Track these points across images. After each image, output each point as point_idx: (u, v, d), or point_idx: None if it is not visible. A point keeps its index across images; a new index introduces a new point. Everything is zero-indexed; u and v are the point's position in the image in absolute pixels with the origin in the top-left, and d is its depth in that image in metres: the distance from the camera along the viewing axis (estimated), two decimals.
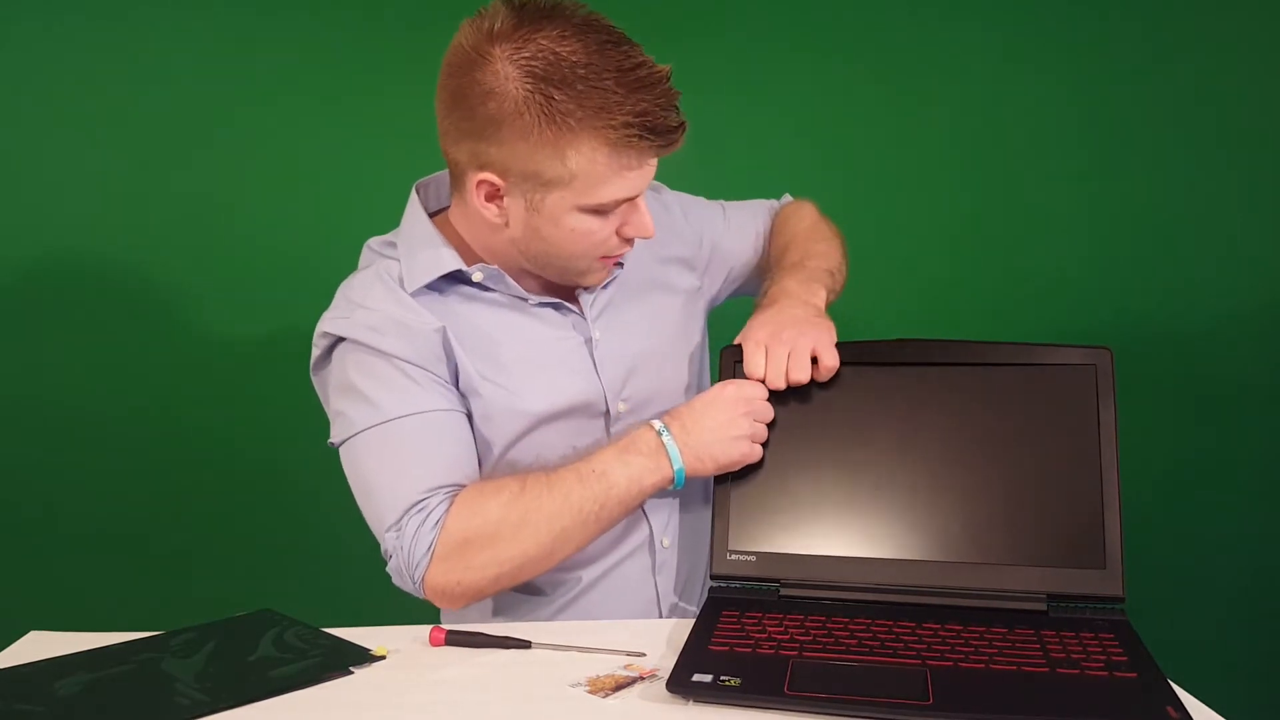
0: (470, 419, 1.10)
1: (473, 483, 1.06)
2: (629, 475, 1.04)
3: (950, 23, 1.79)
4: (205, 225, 1.71)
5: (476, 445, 1.10)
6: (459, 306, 1.11)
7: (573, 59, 0.96)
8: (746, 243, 1.33)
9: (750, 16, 1.78)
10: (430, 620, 1.10)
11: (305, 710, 0.87)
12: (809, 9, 1.78)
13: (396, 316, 1.07)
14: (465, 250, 1.12)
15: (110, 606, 1.68)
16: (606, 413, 1.14)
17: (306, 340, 1.14)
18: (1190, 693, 0.85)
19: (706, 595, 1.05)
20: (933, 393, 1.06)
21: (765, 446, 1.06)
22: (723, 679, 0.86)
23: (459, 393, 1.10)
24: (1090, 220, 1.83)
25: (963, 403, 1.05)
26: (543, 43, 0.97)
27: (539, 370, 1.11)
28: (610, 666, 0.93)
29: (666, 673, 0.88)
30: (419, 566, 1.02)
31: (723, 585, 1.05)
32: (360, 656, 0.96)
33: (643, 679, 0.90)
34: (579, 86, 0.96)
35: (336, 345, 1.10)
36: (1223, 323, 1.85)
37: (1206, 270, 1.84)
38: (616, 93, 0.96)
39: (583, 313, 1.15)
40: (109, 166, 1.68)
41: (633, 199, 1.05)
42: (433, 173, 1.18)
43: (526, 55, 0.96)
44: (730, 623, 0.97)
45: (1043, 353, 1.05)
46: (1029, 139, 1.82)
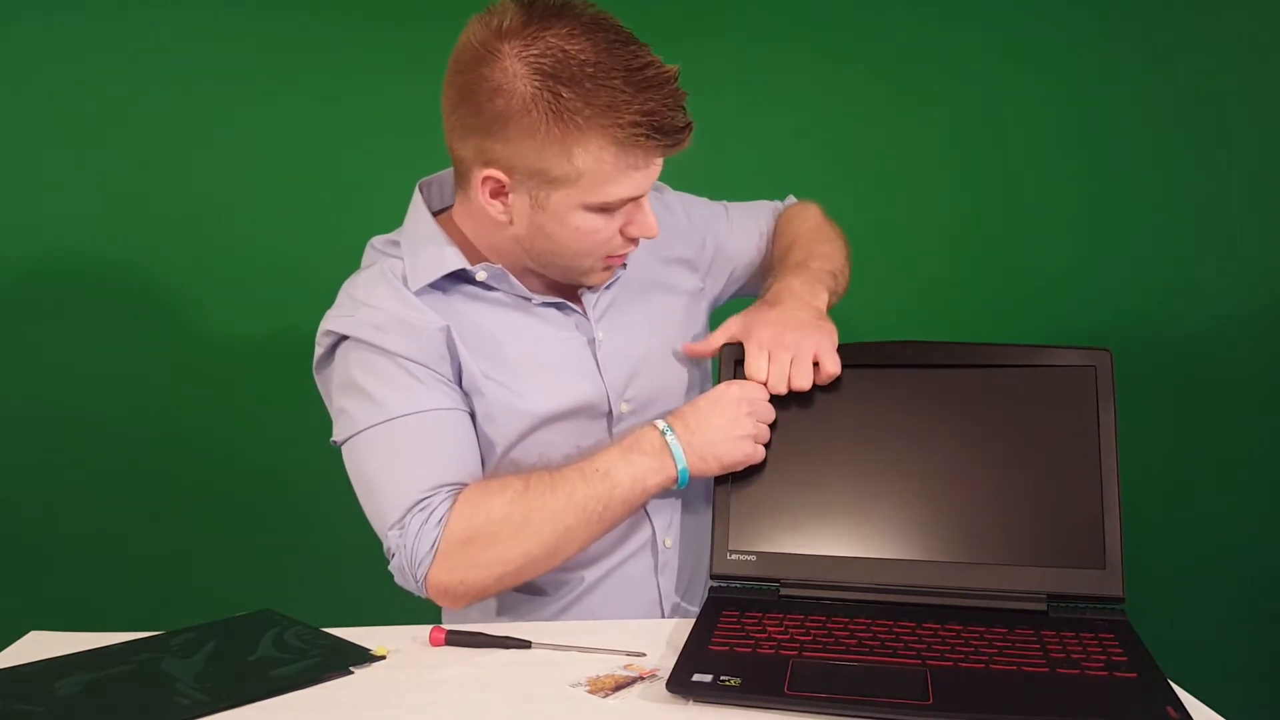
0: (473, 418, 1.10)
1: (476, 481, 1.06)
2: (633, 475, 1.04)
3: (950, 23, 1.79)
4: (205, 225, 1.71)
5: (479, 445, 1.10)
6: (462, 305, 1.11)
7: (581, 57, 0.96)
8: (749, 243, 1.32)
9: (750, 16, 1.78)
10: (431, 620, 1.10)
11: (305, 710, 0.87)
12: (809, 9, 1.78)
13: (400, 315, 1.07)
14: (469, 249, 1.12)
15: (110, 606, 1.68)
16: (609, 413, 1.14)
17: (306, 340, 1.14)
18: (1190, 693, 0.85)
19: (706, 595, 1.05)
20: (933, 394, 1.06)
21: (766, 447, 1.06)
22: (723, 679, 0.85)
23: (462, 392, 1.09)
24: (1090, 220, 1.83)
25: (963, 404, 1.05)
26: (551, 40, 0.96)
27: (542, 370, 1.11)
28: (610, 666, 0.93)
29: (666, 673, 0.88)
30: (421, 565, 1.02)
31: (723, 585, 1.05)
32: (360, 656, 0.96)
33: (643, 679, 0.90)
34: (587, 85, 0.96)
35: (340, 343, 1.10)
36: (1223, 323, 1.85)
37: (1206, 270, 1.84)
38: (624, 92, 0.96)
39: (586, 313, 1.15)
40: (109, 166, 1.68)
41: (637, 198, 1.05)
42: (433, 172, 1.18)
43: (535, 53, 0.96)
44: (730, 622, 0.97)
45: (1043, 354, 1.05)
46: (1029, 139, 1.82)
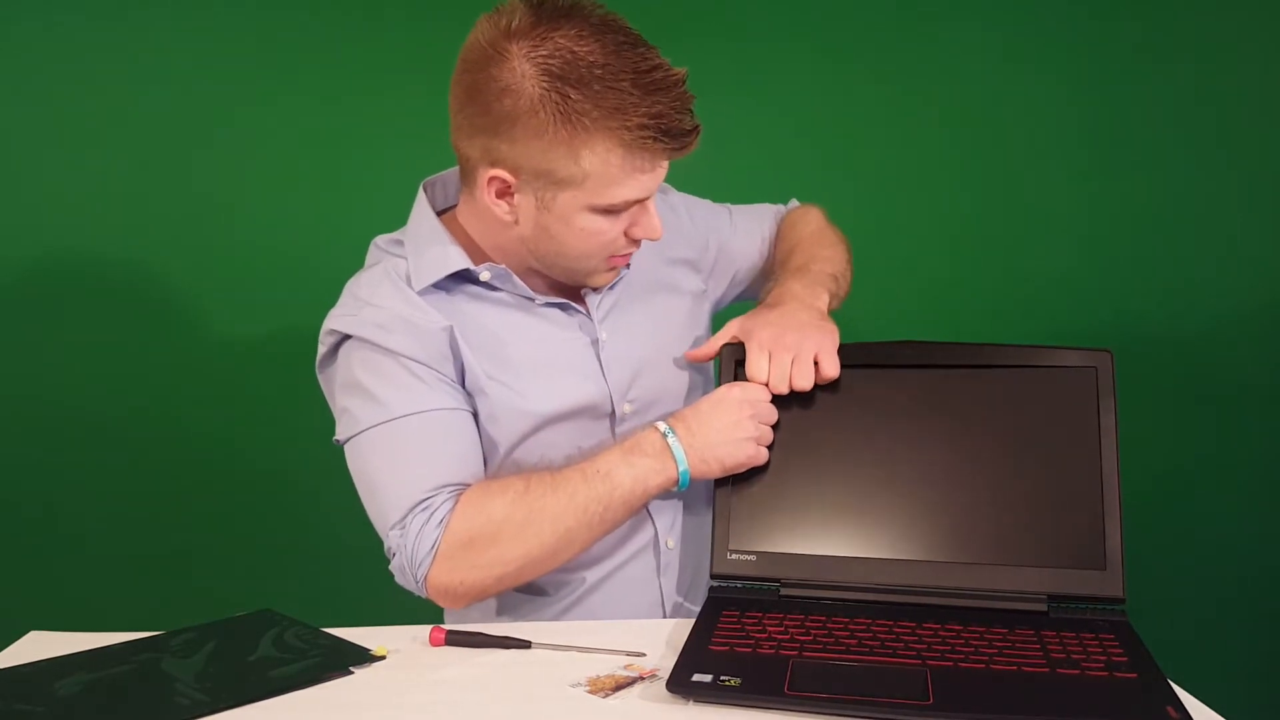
0: (476, 418, 1.10)
1: (477, 482, 1.06)
2: (634, 476, 1.04)
3: (950, 23, 1.79)
4: (205, 225, 1.71)
5: (482, 445, 1.10)
6: (466, 305, 1.11)
7: (590, 59, 0.96)
8: (752, 246, 1.32)
9: (751, 17, 1.78)
10: (431, 620, 1.09)
11: (305, 710, 0.87)
12: (809, 9, 1.78)
13: (404, 314, 1.07)
14: (472, 249, 1.12)
15: (110, 606, 1.68)
16: (612, 414, 1.14)
17: (307, 340, 1.14)
18: (1190, 693, 0.85)
19: (706, 595, 1.05)
20: (934, 394, 1.06)
21: (768, 447, 1.06)
22: (723, 679, 0.85)
23: (465, 392, 1.09)
24: (1090, 220, 1.84)
25: (964, 404, 1.05)
26: (560, 41, 0.96)
27: (545, 371, 1.11)
28: (610, 666, 0.93)
29: (666, 673, 0.88)
30: (422, 565, 1.02)
31: (723, 585, 1.05)
32: (360, 656, 0.96)
33: (643, 679, 0.90)
34: (595, 86, 0.96)
35: (343, 342, 1.09)
36: (1223, 323, 1.85)
37: (1206, 270, 1.84)
38: (632, 94, 0.96)
39: (589, 313, 1.15)
40: (109, 166, 1.68)
41: (643, 200, 1.05)
42: (433, 172, 1.18)
43: (544, 53, 0.96)
44: (730, 622, 0.97)
45: (1044, 355, 1.05)
46: (1029, 139, 1.82)
